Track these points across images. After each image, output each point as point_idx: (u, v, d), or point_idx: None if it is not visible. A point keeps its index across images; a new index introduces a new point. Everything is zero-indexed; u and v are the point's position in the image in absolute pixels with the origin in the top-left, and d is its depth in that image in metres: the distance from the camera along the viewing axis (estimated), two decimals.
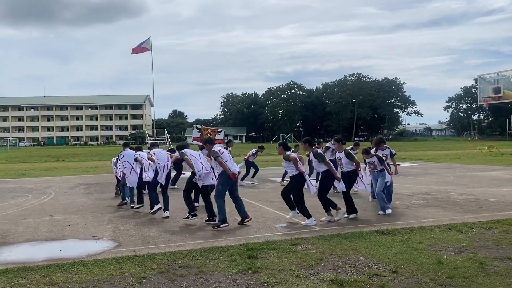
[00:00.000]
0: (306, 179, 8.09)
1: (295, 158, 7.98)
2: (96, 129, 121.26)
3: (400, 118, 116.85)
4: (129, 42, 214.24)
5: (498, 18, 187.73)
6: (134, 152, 10.61)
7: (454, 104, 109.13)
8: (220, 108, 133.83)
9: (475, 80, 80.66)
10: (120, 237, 7.42)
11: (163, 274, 5.34)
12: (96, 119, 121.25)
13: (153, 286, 4.98)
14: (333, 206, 8.23)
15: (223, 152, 8.14)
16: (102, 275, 5.36)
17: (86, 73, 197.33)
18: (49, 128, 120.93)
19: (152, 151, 9.93)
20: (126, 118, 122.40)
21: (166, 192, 9.52)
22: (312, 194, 8.30)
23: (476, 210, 9.31)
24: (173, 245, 6.77)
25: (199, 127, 11.73)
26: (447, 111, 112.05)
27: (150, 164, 9.81)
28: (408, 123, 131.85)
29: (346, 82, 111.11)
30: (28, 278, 5.28)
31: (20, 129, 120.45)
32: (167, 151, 10.77)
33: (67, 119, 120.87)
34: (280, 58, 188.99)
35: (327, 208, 8.21)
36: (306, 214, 8.02)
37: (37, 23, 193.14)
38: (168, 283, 5.04)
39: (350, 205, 8.56)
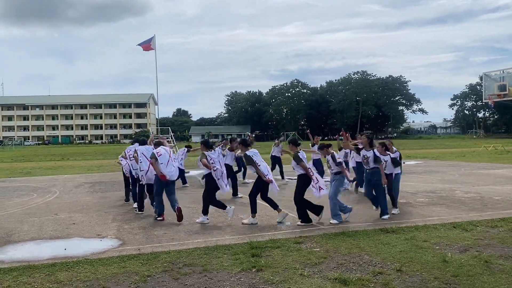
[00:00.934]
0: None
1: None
2: (101, 127, 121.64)
3: (405, 116, 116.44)
4: (133, 41, 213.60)
5: (503, 15, 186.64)
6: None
7: (459, 101, 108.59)
8: (224, 107, 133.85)
9: (480, 78, 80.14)
10: (124, 235, 7.44)
11: (167, 273, 5.35)
12: (101, 118, 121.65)
13: (157, 284, 5.00)
14: (317, 211, 8.05)
15: (161, 154, 8.47)
16: (107, 273, 5.38)
17: (91, 72, 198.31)
18: (54, 127, 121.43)
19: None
20: (131, 117, 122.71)
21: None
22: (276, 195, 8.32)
23: (481, 208, 9.26)
24: (177, 243, 6.78)
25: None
26: (452, 109, 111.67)
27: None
28: (413, 121, 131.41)
29: (351, 80, 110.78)
30: (33, 276, 5.30)
31: (25, 128, 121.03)
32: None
33: (72, 118, 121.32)
34: (284, 56, 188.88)
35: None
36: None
37: (41, 22, 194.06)
38: (172, 282, 5.05)
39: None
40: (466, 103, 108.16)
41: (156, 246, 6.61)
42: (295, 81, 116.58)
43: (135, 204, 9.90)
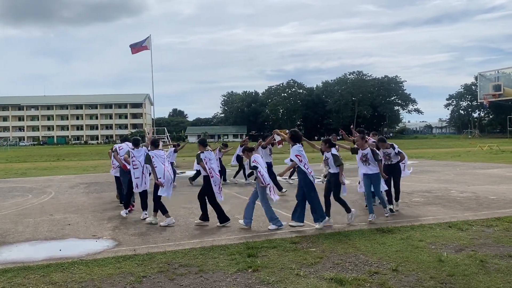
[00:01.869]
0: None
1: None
2: (96, 128, 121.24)
3: (401, 116, 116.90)
4: (129, 41, 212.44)
5: (498, 15, 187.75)
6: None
7: (454, 101, 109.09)
8: (220, 107, 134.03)
9: (476, 78, 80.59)
10: (120, 236, 7.41)
11: (163, 273, 5.33)
12: (96, 118, 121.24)
13: (153, 285, 4.98)
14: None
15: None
16: (102, 274, 5.35)
17: (87, 72, 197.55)
18: (49, 128, 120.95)
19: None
20: (126, 117, 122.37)
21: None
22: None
23: (476, 208, 9.29)
24: (172, 244, 6.76)
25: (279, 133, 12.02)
26: (448, 109, 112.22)
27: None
28: (409, 121, 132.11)
29: (347, 80, 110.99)
30: (28, 277, 5.27)
31: (21, 128, 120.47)
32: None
33: (67, 119, 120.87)
34: (281, 56, 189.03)
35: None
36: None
37: (37, 22, 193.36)
38: (168, 282, 5.04)
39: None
40: (461, 103, 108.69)
41: (152, 247, 6.59)
42: (291, 81, 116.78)
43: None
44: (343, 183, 7.88)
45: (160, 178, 8.18)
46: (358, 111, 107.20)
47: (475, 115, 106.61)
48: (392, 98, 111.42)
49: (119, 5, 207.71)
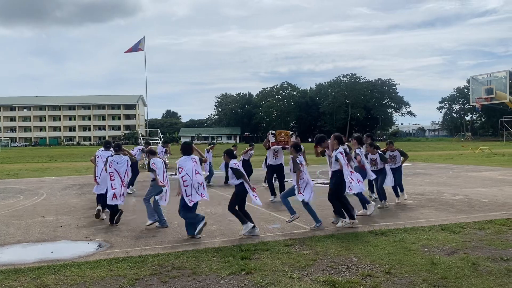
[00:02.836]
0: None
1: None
2: (89, 129, 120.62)
3: (394, 119, 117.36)
4: (123, 41, 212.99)
5: (491, 19, 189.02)
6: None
7: (447, 104, 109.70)
8: (214, 108, 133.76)
9: (468, 81, 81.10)
10: (112, 238, 7.37)
11: (155, 276, 5.30)
12: (89, 119, 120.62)
13: (145, 287, 4.95)
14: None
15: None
16: (94, 276, 5.31)
17: (79, 73, 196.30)
18: (41, 128, 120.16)
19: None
20: (119, 118, 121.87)
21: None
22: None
23: (468, 210, 9.35)
24: (165, 246, 6.73)
25: (274, 132, 11.49)
26: (440, 112, 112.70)
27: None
28: (402, 124, 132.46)
29: (340, 83, 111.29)
30: (19, 280, 5.22)
31: (12, 129, 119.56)
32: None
33: (60, 119, 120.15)
34: (274, 58, 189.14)
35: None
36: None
37: (29, 23, 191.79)
38: (160, 285, 5.01)
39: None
40: (454, 106, 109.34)
41: (145, 249, 6.56)
42: (285, 83, 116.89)
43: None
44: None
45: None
46: (351, 114, 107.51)
47: (468, 118, 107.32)
48: (385, 101, 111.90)
49: (113, 6, 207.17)
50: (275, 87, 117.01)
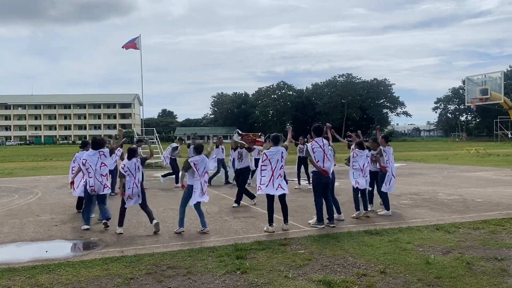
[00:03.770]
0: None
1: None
2: (85, 128, 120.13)
3: (389, 119, 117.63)
4: (118, 40, 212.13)
5: (486, 20, 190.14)
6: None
7: (442, 105, 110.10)
8: (210, 108, 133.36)
9: (463, 82, 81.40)
10: (107, 237, 7.35)
11: (150, 275, 5.29)
12: (85, 118, 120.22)
13: (140, 287, 4.94)
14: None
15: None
16: (89, 276, 5.30)
17: (75, 71, 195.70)
18: (36, 127, 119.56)
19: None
20: (115, 117, 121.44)
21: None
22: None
23: (463, 210, 9.38)
24: (161, 245, 6.72)
25: (240, 133, 11.46)
26: (436, 112, 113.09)
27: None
28: (397, 124, 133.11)
29: (336, 83, 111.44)
30: (13, 279, 5.20)
31: (7, 127, 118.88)
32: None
33: (55, 118, 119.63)
34: (271, 58, 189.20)
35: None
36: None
37: (24, 21, 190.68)
38: (156, 284, 5.00)
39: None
40: (449, 106, 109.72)
41: (140, 248, 6.54)
42: (281, 83, 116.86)
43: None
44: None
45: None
46: (347, 114, 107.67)
47: (463, 118, 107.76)
48: (381, 101, 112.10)
49: (109, 4, 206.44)
50: (271, 86, 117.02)
